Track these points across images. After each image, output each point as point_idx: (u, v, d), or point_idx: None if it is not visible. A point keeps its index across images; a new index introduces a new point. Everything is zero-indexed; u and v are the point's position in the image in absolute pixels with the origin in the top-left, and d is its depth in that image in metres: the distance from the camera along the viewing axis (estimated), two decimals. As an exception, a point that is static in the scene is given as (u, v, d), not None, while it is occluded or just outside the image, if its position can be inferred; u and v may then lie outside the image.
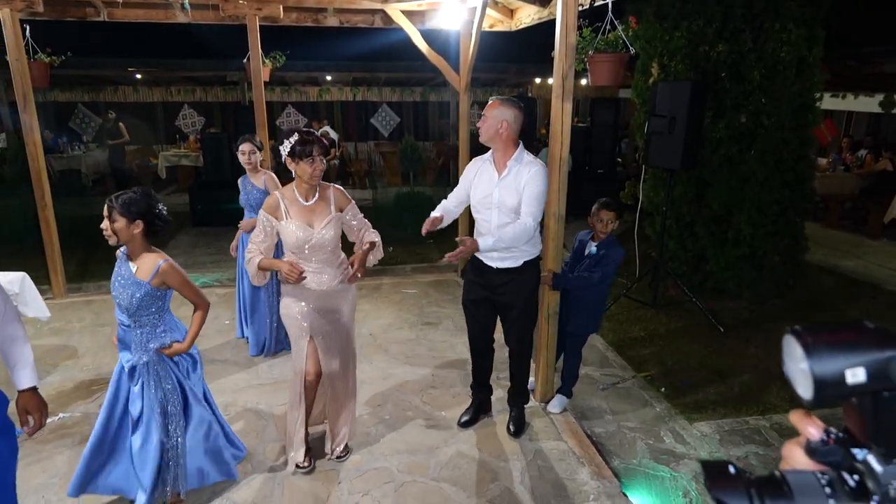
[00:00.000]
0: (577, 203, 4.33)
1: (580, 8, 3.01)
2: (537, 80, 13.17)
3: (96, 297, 5.48)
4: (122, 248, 2.48)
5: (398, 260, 6.69)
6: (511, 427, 3.39)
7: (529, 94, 13.27)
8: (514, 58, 10.20)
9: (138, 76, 11.79)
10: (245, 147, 4.03)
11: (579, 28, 3.09)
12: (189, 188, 9.33)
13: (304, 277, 2.61)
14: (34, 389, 2.08)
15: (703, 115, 4.91)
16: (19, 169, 5.03)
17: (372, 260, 2.91)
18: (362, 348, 4.49)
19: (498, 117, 2.88)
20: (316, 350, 2.88)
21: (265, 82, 5.40)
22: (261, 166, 4.12)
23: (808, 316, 5.27)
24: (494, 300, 3.19)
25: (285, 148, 2.62)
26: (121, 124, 10.53)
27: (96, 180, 11.25)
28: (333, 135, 11.73)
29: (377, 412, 3.60)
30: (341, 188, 2.89)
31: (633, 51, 3.19)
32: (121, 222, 2.37)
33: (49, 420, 3.42)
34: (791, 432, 0.61)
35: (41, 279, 5.61)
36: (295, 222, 2.68)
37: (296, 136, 2.62)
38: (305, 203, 2.72)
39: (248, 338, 4.37)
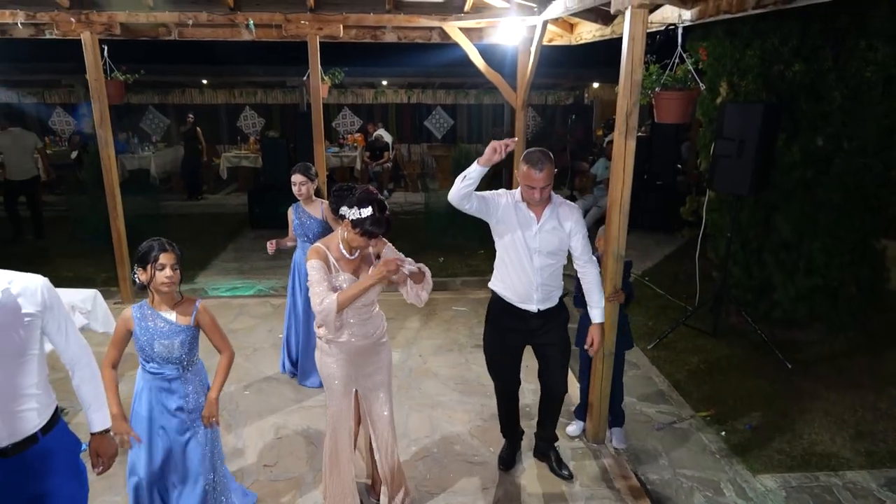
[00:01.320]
0: (636, 214, 4.22)
1: (647, 43, 2.85)
2: (595, 85, 12.83)
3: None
4: (141, 303, 2.44)
5: (449, 272, 6.62)
6: (562, 470, 3.31)
7: (585, 100, 12.95)
8: (571, 63, 9.95)
9: (204, 81, 12.26)
10: (296, 178, 3.95)
11: (646, 63, 2.94)
12: (248, 189, 9.59)
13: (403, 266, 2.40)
14: (106, 432, 2.11)
15: (775, 138, 4.62)
16: (94, 174, 5.30)
17: (422, 294, 2.62)
18: (411, 371, 4.50)
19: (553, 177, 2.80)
20: (359, 407, 2.81)
21: (323, 97, 5.45)
22: (315, 195, 4.08)
23: (887, 351, 4.90)
24: (531, 343, 3.13)
25: (353, 213, 2.36)
26: (198, 129, 10.98)
27: (163, 179, 11.75)
28: (387, 137, 11.80)
29: (425, 444, 3.58)
30: None
31: (703, 87, 3.01)
32: (180, 269, 2.40)
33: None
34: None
35: (111, 280, 5.90)
36: (344, 275, 2.52)
37: (369, 210, 2.34)
38: (350, 257, 2.57)
39: (291, 371, 4.35)
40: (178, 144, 11.63)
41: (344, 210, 2.41)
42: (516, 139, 2.93)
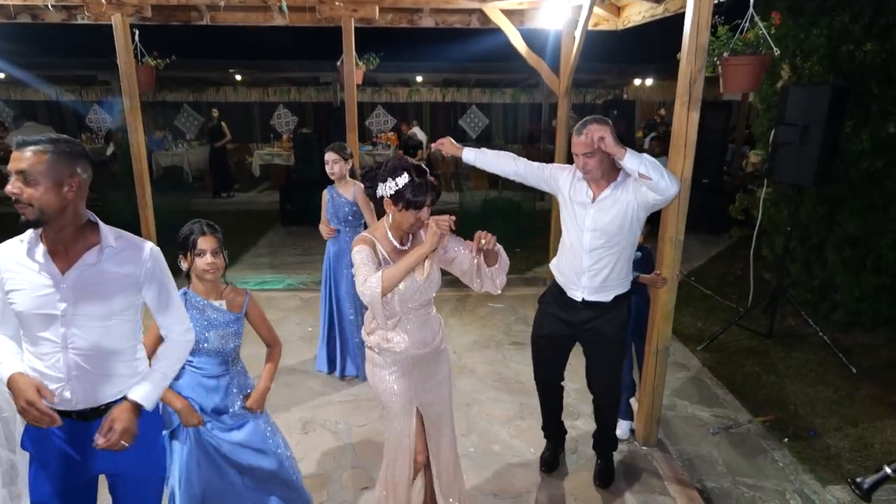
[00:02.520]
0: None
1: (714, 3, 2.59)
2: (636, 82, 12.47)
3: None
4: (187, 292, 2.20)
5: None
6: (598, 479, 3.02)
7: (625, 97, 12.59)
8: (613, 58, 9.64)
9: (238, 77, 12.30)
10: (329, 156, 3.79)
11: (713, 26, 2.67)
12: (280, 187, 9.55)
13: (452, 229, 2.03)
14: (138, 409, 1.80)
15: (842, 125, 4.27)
16: (127, 167, 5.20)
17: (499, 277, 2.26)
18: (451, 368, 4.26)
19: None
20: (423, 428, 2.38)
21: (357, 85, 5.30)
22: (350, 176, 3.92)
23: (961, 360, 4.48)
24: (578, 339, 2.84)
25: (388, 187, 2.06)
26: (223, 124, 10.97)
27: (197, 176, 11.83)
28: (421, 136, 11.65)
29: (462, 443, 3.33)
30: None
31: (776, 52, 2.72)
32: (223, 254, 2.19)
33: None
34: None
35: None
36: None
37: (406, 177, 2.03)
38: (402, 247, 2.20)
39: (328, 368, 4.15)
40: (206, 142, 11.62)
41: (380, 189, 2.10)
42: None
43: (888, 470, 1.80)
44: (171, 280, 1.90)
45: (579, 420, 3.56)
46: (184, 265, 2.18)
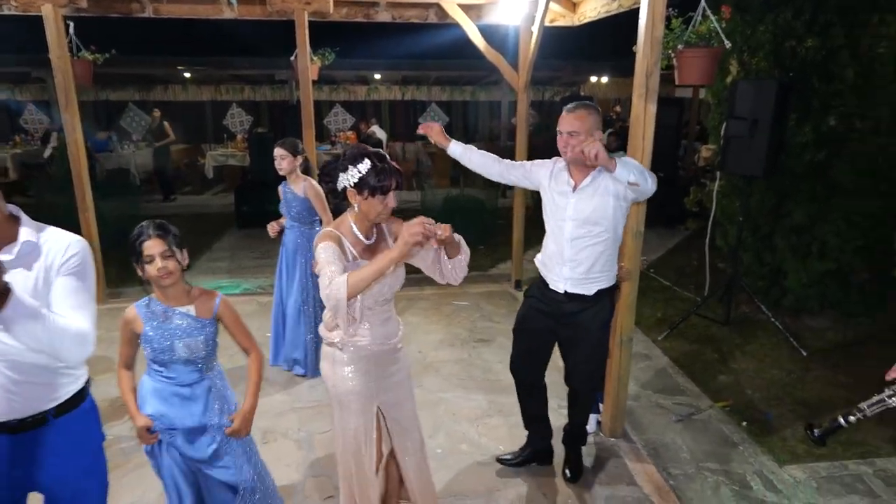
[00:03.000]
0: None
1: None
2: (592, 79, 12.67)
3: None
4: (147, 299, 2.08)
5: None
6: (567, 472, 3.03)
7: (582, 94, 12.78)
8: (570, 55, 9.77)
9: (187, 75, 11.87)
10: (276, 152, 3.73)
11: (668, 19, 2.71)
12: (235, 188, 9.29)
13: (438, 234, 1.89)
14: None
15: (788, 118, 4.43)
16: (66, 168, 4.92)
17: (460, 269, 2.23)
18: (410, 366, 4.22)
19: (592, 129, 2.49)
20: (384, 428, 2.32)
21: (313, 81, 5.18)
22: (303, 172, 3.82)
23: (901, 340, 4.72)
24: (559, 333, 2.82)
25: (351, 176, 1.98)
26: (166, 123, 10.56)
27: (145, 179, 11.39)
28: (381, 134, 11.54)
29: (429, 444, 3.27)
30: None
31: (727, 44, 2.79)
32: (178, 253, 2.02)
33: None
34: None
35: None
36: (362, 263, 2.06)
37: (367, 163, 1.96)
38: (367, 241, 2.12)
39: (282, 364, 4.11)
40: (150, 143, 11.13)
41: (341, 180, 2.01)
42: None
43: (840, 420, 1.96)
44: (90, 282, 1.71)
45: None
46: (140, 273, 2.02)
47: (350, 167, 1.98)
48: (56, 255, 1.64)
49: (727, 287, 4.92)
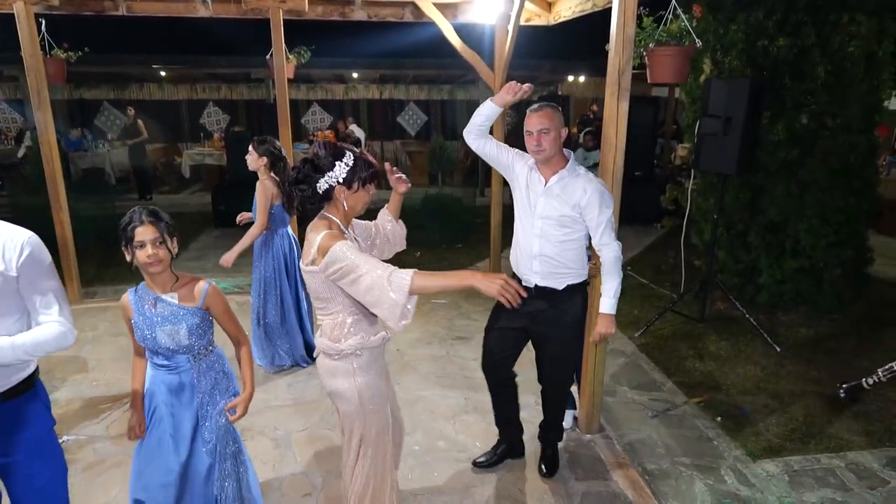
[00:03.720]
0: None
1: (640, -6, 2.64)
2: (570, 78, 12.74)
3: (113, 303, 5.27)
4: (138, 287, 2.07)
5: (426, 266, 6.33)
6: (543, 467, 3.04)
7: (560, 93, 12.85)
8: (547, 54, 9.81)
9: (163, 73, 11.68)
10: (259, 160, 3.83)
11: (639, 17, 2.73)
12: (213, 188, 9.16)
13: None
14: None
15: (761, 116, 4.50)
16: (41, 168, 4.81)
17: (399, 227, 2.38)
18: (388, 365, 4.19)
19: (559, 127, 2.54)
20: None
21: (289, 79, 5.13)
22: (275, 172, 3.82)
23: (872, 334, 4.81)
24: (530, 330, 2.82)
25: (339, 172, 1.92)
26: (139, 122, 10.38)
27: (120, 179, 11.19)
28: (359, 133, 11.49)
29: (407, 442, 3.26)
30: None
31: (699, 43, 2.82)
32: (170, 241, 1.99)
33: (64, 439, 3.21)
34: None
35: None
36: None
37: (351, 156, 1.94)
38: (354, 234, 2.09)
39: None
40: (124, 141, 10.95)
41: (327, 180, 1.93)
42: (531, 85, 2.52)
43: (863, 382, 2.23)
44: (51, 273, 1.79)
45: (524, 412, 3.56)
46: (128, 258, 1.99)
47: (336, 163, 1.93)
48: (12, 253, 1.66)
49: (702, 284, 4.98)
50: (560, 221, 2.60)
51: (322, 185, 1.94)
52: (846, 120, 4.57)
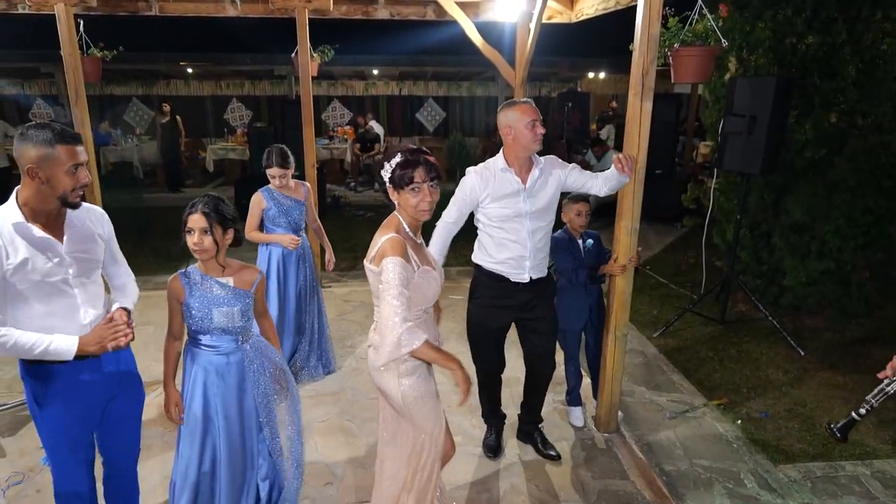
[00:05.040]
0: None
1: (666, -6, 2.62)
2: (590, 75, 12.64)
3: (141, 292, 5.37)
4: (190, 268, 2.21)
5: (444, 263, 6.36)
6: (548, 454, 3.16)
7: (580, 90, 12.76)
8: (567, 51, 9.74)
9: (189, 70, 11.89)
10: (274, 172, 3.60)
11: (664, 17, 2.71)
12: (235, 182, 9.29)
13: None
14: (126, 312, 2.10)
15: (787, 115, 4.42)
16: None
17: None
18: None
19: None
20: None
21: (312, 77, 5.18)
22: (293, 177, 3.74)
23: (900, 339, 4.72)
24: (520, 319, 2.93)
25: (385, 173, 2.03)
26: (178, 117, 10.63)
27: (147, 172, 11.41)
28: (378, 129, 11.55)
29: (423, 437, 3.32)
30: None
31: (724, 43, 2.78)
32: (219, 232, 2.13)
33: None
34: None
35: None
36: (422, 269, 2.04)
37: (399, 157, 2.00)
38: (418, 241, 2.13)
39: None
40: (156, 137, 11.20)
41: (382, 178, 2.05)
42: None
43: (854, 414, 2.13)
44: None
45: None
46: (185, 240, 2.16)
47: (385, 164, 2.03)
48: (105, 223, 2.12)
49: (723, 285, 4.92)
50: (546, 210, 2.78)
51: (384, 182, 2.07)
52: (877, 119, 4.46)
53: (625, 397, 3.70)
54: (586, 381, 3.61)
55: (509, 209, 2.71)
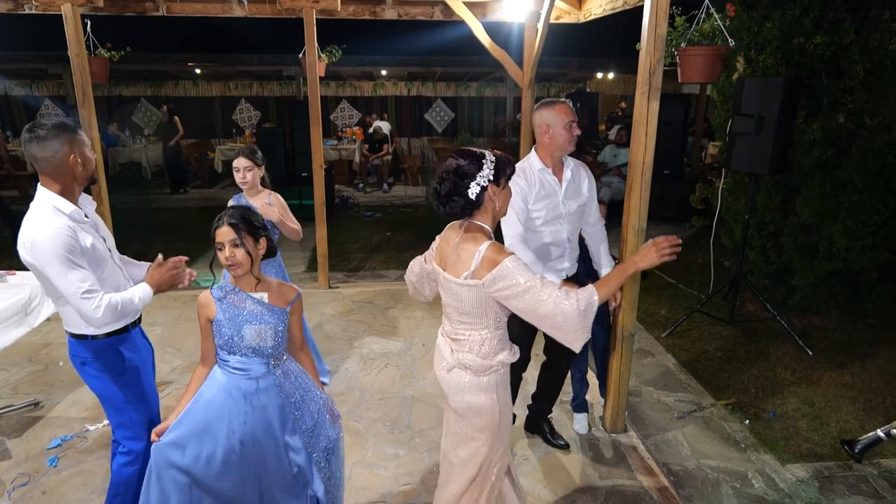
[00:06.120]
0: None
1: (673, -6, 2.63)
2: (598, 75, 12.62)
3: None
4: (222, 283, 2.05)
5: (451, 263, 6.41)
6: (556, 440, 3.23)
7: (588, 90, 12.75)
8: (575, 51, 9.74)
9: (198, 71, 11.97)
10: (238, 163, 3.31)
11: (671, 17, 2.72)
12: (243, 183, 9.33)
13: None
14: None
15: (795, 115, 4.41)
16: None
17: None
18: (414, 360, 4.27)
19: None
20: None
21: (320, 77, 5.21)
22: (262, 185, 3.42)
23: (910, 340, 4.69)
24: None
25: (487, 173, 1.81)
26: (176, 118, 10.67)
27: (156, 173, 11.49)
28: (387, 129, 11.58)
29: (430, 435, 3.34)
30: None
31: (731, 43, 2.79)
32: (250, 242, 1.98)
33: (93, 428, 3.34)
34: None
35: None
36: None
37: (491, 154, 1.85)
38: None
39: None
40: (160, 137, 11.26)
41: (477, 182, 1.82)
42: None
43: (880, 433, 2.01)
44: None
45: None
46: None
47: (482, 163, 1.83)
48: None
49: (731, 285, 4.91)
50: (581, 205, 2.83)
51: (473, 189, 1.82)
52: (885, 119, 4.45)
53: (632, 397, 3.71)
54: (593, 383, 3.62)
55: (550, 211, 2.71)
